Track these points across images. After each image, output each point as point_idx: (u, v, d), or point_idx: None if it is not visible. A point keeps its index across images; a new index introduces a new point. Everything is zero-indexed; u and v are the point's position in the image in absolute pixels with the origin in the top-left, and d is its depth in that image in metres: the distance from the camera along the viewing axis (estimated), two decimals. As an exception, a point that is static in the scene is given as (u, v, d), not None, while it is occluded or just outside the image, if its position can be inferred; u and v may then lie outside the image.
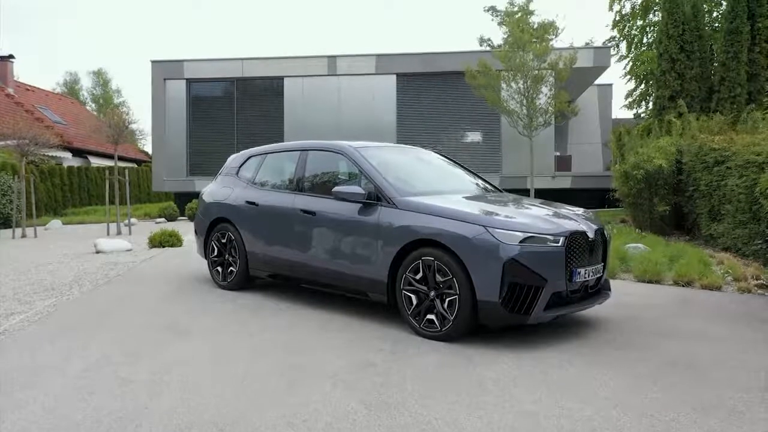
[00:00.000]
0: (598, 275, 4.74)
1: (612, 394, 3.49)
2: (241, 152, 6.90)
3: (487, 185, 6.05)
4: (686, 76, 14.08)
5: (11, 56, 28.74)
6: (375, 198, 4.97)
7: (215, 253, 6.48)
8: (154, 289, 6.48)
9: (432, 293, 4.48)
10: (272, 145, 6.69)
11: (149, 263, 8.38)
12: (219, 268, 6.42)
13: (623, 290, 6.31)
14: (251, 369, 3.93)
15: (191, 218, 18.01)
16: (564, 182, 18.11)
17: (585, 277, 4.52)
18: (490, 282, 4.20)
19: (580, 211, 5.33)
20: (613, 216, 14.31)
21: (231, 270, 6.27)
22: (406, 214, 4.71)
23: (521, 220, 4.45)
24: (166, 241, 10.35)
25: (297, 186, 5.78)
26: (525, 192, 16.13)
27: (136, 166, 31.36)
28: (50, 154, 20.37)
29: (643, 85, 27.56)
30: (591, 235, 4.60)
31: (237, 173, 6.59)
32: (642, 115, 26.21)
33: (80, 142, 27.54)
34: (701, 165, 11.07)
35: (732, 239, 9.88)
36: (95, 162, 27.82)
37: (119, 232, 14.24)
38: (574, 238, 4.45)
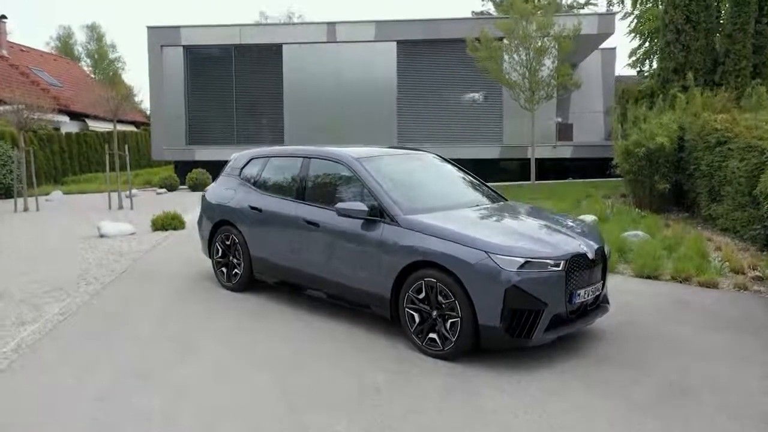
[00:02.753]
0: (597, 293, 4.83)
1: (608, 426, 3.62)
2: (243, 152, 6.89)
3: (490, 192, 6.05)
4: (691, 48, 13.89)
5: (3, 17, 28.14)
6: (378, 213, 5.00)
7: (219, 254, 6.55)
8: (159, 290, 6.55)
9: (434, 313, 4.57)
10: (275, 147, 6.69)
11: (153, 254, 8.44)
12: (224, 269, 6.51)
13: (622, 288, 6.39)
14: (257, 392, 4.06)
15: (192, 188, 18.04)
16: (565, 152, 18.07)
17: (584, 298, 4.61)
18: (492, 307, 4.29)
19: (581, 223, 5.38)
20: (613, 189, 14.33)
21: (236, 272, 6.36)
22: (409, 233, 4.75)
23: (522, 244, 4.50)
24: (168, 224, 10.43)
25: (300, 194, 5.80)
26: (526, 162, 16.10)
27: (135, 129, 31.12)
28: (48, 118, 20.30)
29: (647, 43, 27.17)
30: (591, 255, 4.66)
31: (240, 174, 6.60)
32: (646, 74, 25.91)
33: (77, 106, 27.26)
34: (703, 144, 11.04)
35: (731, 221, 9.95)
36: (93, 125, 27.59)
37: (121, 206, 14.30)
38: (575, 260, 4.52)
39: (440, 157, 6.47)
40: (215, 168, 18.43)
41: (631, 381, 4.22)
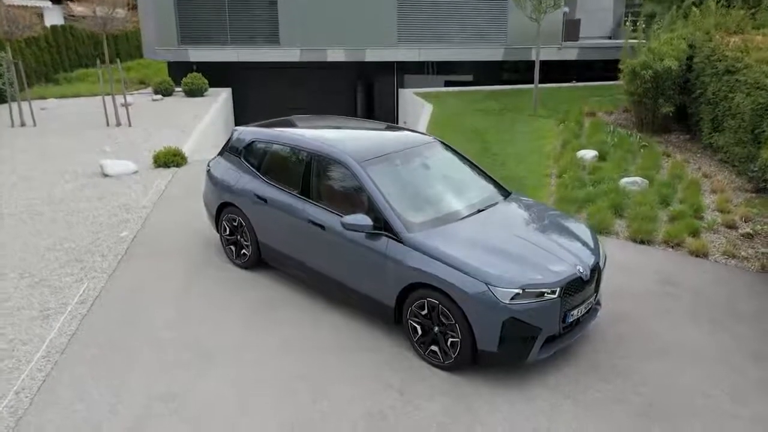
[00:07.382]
0: (590, 306, 5.09)
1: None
2: (244, 130, 6.78)
3: (495, 186, 6.05)
4: (711, -50, 12.97)
5: None
6: (382, 227, 5.12)
7: (227, 232, 6.70)
8: (170, 272, 6.66)
9: (436, 329, 4.86)
10: (275, 130, 6.50)
11: (159, 211, 8.51)
12: (232, 247, 6.69)
13: (616, 259, 6.54)
14: (272, 419, 4.46)
15: (188, 93, 17.65)
16: (570, 54, 17.48)
17: (577, 316, 4.89)
18: (490, 334, 4.57)
19: (581, 229, 5.52)
20: (616, 102, 14.11)
21: (244, 252, 6.56)
22: (413, 253, 4.89)
23: (521, 273, 4.65)
24: (170, 161, 10.49)
25: (305, 191, 5.81)
26: (530, 64, 15.65)
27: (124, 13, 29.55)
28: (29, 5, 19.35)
29: None
30: (586, 276, 4.86)
31: (242, 156, 6.57)
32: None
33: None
34: (711, 70, 10.78)
35: (730, 155, 10.01)
36: (78, 10, 26.22)
37: (118, 123, 14.17)
38: (570, 284, 4.73)
39: (445, 144, 6.38)
40: (210, 70, 18.03)
41: (617, 400, 4.58)
